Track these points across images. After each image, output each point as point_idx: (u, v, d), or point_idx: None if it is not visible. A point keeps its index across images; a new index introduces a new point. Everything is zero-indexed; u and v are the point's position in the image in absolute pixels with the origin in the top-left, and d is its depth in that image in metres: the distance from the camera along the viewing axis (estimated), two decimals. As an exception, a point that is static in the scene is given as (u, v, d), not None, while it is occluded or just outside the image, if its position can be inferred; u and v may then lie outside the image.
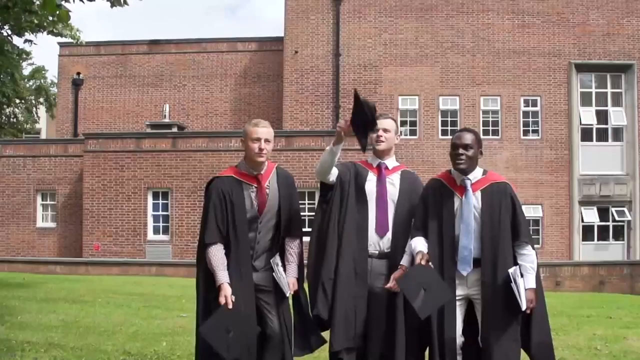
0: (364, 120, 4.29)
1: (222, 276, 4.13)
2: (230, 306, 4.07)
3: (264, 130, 4.36)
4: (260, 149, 4.31)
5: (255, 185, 4.37)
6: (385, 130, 4.67)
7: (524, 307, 4.15)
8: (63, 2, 8.89)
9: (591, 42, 21.89)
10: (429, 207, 4.43)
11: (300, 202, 4.85)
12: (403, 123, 21.27)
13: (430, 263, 4.30)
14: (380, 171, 4.64)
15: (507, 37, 21.82)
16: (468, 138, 4.38)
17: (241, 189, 4.34)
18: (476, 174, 4.42)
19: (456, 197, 4.40)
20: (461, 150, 4.35)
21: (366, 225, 4.50)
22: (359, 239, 4.49)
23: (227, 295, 4.07)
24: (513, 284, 4.15)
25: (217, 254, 4.20)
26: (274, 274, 4.37)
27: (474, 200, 4.34)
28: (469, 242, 4.28)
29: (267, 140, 4.34)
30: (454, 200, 4.40)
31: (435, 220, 4.40)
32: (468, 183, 4.37)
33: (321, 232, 4.57)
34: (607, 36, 21.87)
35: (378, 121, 4.55)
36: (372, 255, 4.49)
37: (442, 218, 4.37)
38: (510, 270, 4.20)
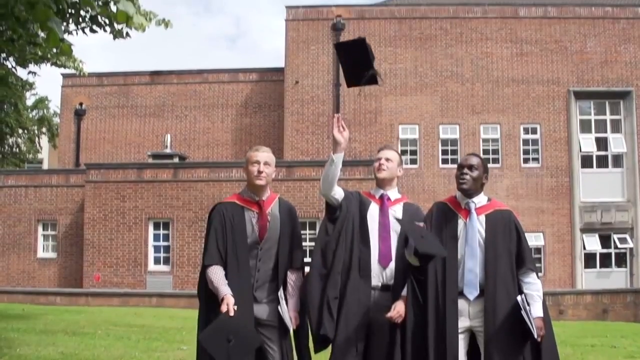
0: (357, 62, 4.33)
1: (225, 290, 4.09)
2: (231, 313, 3.97)
3: (263, 154, 4.39)
4: (259, 172, 4.32)
5: (257, 211, 4.36)
6: (387, 160, 4.68)
7: (536, 335, 4.09)
8: (66, 35, 8.98)
9: (589, 70, 22.03)
10: (431, 228, 4.40)
11: (301, 232, 4.83)
12: (404, 152, 21.30)
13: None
14: (383, 202, 4.62)
15: (506, 66, 21.97)
16: (474, 160, 4.41)
17: (242, 213, 4.34)
18: (481, 199, 4.42)
19: (460, 219, 4.38)
20: (466, 170, 4.37)
21: (369, 256, 4.48)
22: (362, 269, 4.46)
23: (229, 303, 4.00)
24: (523, 312, 4.09)
25: (217, 273, 4.17)
26: (279, 307, 4.33)
27: (478, 224, 4.33)
28: (474, 265, 4.25)
29: (266, 164, 4.35)
30: (458, 222, 4.37)
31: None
32: (472, 206, 4.37)
33: (325, 253, 4.50)
34: (604, 63, 22.02)
35: (381, 151, 4.58)
36: (375, 288, 4.47)
37: (445, 240, 4.33)
38: (519, 298, 4.16)
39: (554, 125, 21.91)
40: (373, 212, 4.58)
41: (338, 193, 4.50)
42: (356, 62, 4.33)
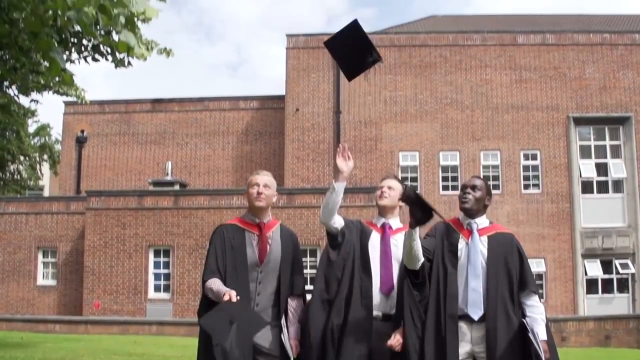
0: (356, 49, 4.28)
1: (226, 289, 4.05)
2: (234, 300, 3.91)
3: (263, 177, 4.42)
4: (259, 193, 4.35)
5: (257, 233, 4.37)
6: (389, 188, 4.70)
7: (544, 358, 4.03)
8: (68, 64, 9.05)
9: (588, 96, 22.15)
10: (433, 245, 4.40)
11: (302, 258, 4.83)
12: (404, 179, 21.33)
13: None
14: (384, 231, 4.62)
15: (505, 93, 22.08)
16: (477, 181, 4.46)
17: (243, 235, 4.35)
18: (483, 221, 4.43)
19: (462, 238, 4.38)
20: (468, 190, 4.41)
21: (370, 285, 4.47)
22: (364, 298, 4.45)
23: (232, 294, 3.95)
24: (531, 334, 4.06)
25: (217, 282, 4.17)
26: (282, 335, 4.32)
27: (481, 245, 4.32)
28: (477, 284, 4.23)
29: (266, 186, 4.37)
30: (460, 241, 4.38)
31: (440, 259, 4.36)
32: (474, 226, 4.38)
33: (328, 281, 4.48)
34: (603, 89, 22.14)
35: (384, 180, 4.60)
36: (376, 318, 4.46)
37: (446, 258, 4.34)
38: (524, 320, 4.15)
39: (554, 151, 21.97)
40: (374, 241, 4.58)
41: (338, 222, 4.50)
42: (354, 49, 4.26)
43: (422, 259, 4.27)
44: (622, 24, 26.57)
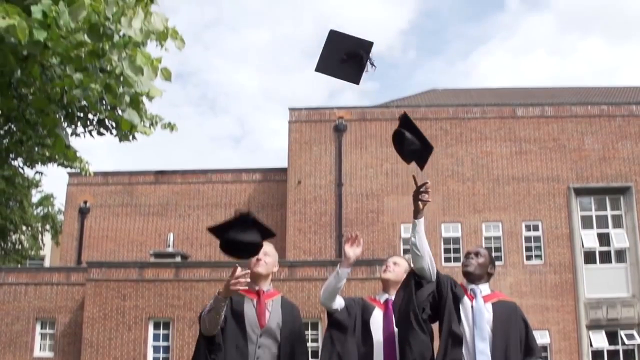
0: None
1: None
2: (239, 273, 3.93)
3: (263, 247, 4.41)
4: (258, 259, 4.39)
5: (256, 299, 4.38)
6: (395, 264, 4.72)
7: None
8: (73, 138, 9.21)
9: (588, 166, 22.30)
10: (440, 293, 4.34)
11: (304, 331, 4.80)
12: (406, 251, 21.27)
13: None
14: (387, 307, 4.62)
15: (505, 164, 22.25)
16: (480, 249, 4.53)
17: (242, 302, 4.36)
18: (485, 289, 4.43)
19: (467, 299, 4.37)
20: (472, 256, 4.46)
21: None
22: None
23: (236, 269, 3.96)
24: None
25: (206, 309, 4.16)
26: None
27: (485, 310, 4.32)
28: (485, 347, 4.20)
29: (266, 254, 4.41)
30: (464, 300, 4.36)
31: (446, 311, 4.30)
32: (478, 292, 4.38)
33: (331, 356, 4.47)
34: (603, 160, 22.31)
35: (391, 257, 4.64)
36: None
37: (452, 313, 4.29)
38: None
39: (555, 221, 21.98)
40: (377, 318, 4.59)
41: (338, 303, 4.52)
42: (344, 56, 4.12)
43: (428, 259, 4.25)
44: (619, 95, 27.03)
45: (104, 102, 7.27)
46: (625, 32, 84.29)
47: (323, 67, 4.08)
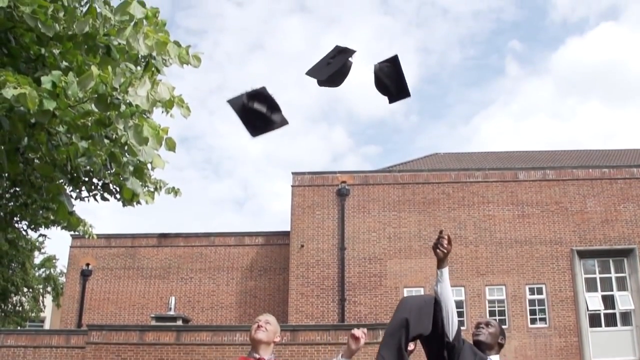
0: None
1: None
2: None
3: (265, 316, 4.51)
4: (259, 326, 4.40)
5: None
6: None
7: None
8: (78, 202, 9.29)
9: (591, 229, 22.29)
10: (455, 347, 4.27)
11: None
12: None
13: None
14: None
15: (508, 228, 22.27)
16: (491, 320, 4.57)
17: None
18: (496, 359, 4.45)
19: None
20: (482, 325, 4.50)
21: None
22: None
23: None
24: None
25: None
26: None
27: None
28: None
29: (267, 322, 4.43)
30: None
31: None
32: None
33: None
34: (605, 222, 22.31)
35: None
36: None
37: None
38: None
39: (559, 284, 21.86)
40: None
41: None
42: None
43: (447, 311, 4.14)
44: (620, 158, 27.21)
45: (108, 167, 7.39)
46: (623, 96, 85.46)
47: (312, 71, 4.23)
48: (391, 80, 4.22)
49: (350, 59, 4.17)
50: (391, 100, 4.30)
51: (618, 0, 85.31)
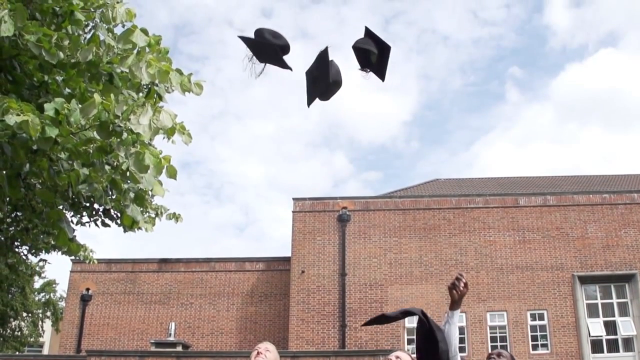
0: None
1: None
2: None
3: (265, 344, 4.51)
4: (259, 352, 4.39)
5: None
6: (397, 357, 4.71)
7: None
8: (79, 227, 9.30)
9: (592, 255, 22.25)
10: None
11: None
12: (410, 341, 21.03)
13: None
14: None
15: (509, 253, 22.24)
16: (503, 351, 4.74)
17: None
18: None
19: None
20: (494, 356, 4.65)
21: None
22: None
23: None
24: None
25: None
26: None
27: None
28: None
29: (267, 349, 4.42)
30: None
31: None
32: None
33: None
34: (606, 248, 22.28)
35: (394, 352, 4.63)
36: None
37: None
38: None
39: (560, 310, 21.77)
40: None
41: None
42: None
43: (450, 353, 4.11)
44: (620, 184, 27.23)
45: (109, 193, 7.41)
46: (623, 121, 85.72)
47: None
48: (370, 45, 4.29)
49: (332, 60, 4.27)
50: (378, 61, 4.33)
51: (617, 27, 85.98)
